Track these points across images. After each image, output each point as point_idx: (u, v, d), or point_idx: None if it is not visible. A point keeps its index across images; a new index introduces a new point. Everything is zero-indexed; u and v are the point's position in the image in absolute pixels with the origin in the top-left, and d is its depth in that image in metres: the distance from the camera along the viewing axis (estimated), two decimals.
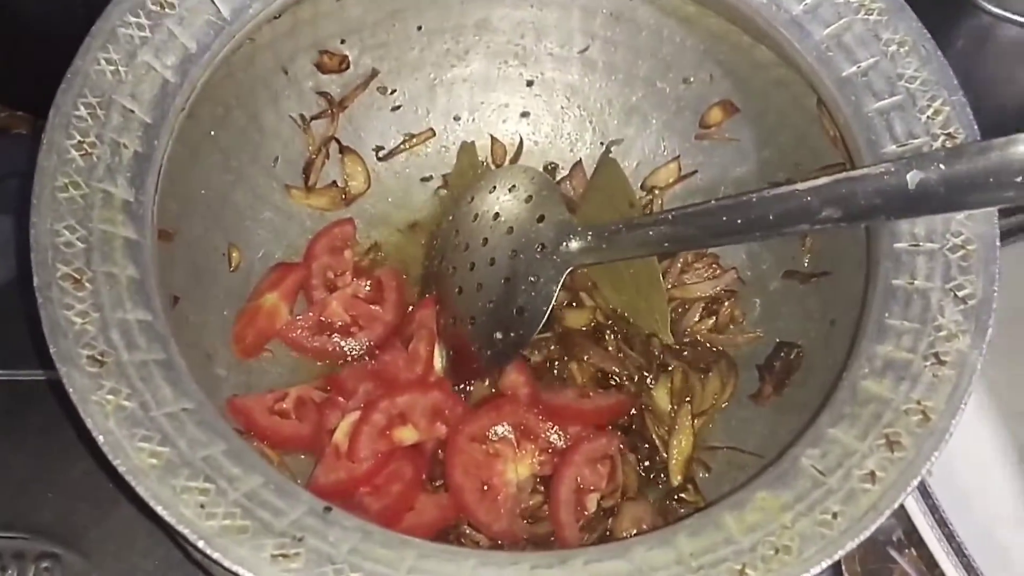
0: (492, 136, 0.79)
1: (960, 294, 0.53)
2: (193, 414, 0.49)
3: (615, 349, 0.71)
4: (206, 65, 0.59)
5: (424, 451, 0.66)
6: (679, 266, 0.72)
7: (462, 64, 0.77)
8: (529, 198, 0.69)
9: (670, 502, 0.66)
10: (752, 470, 0.60)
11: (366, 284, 0.72)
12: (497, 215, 0.70)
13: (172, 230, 0.62)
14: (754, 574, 0.45)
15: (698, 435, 0.68)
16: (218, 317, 0.68)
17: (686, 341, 0.72)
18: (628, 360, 0.70)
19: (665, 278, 0.72)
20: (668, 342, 0.70)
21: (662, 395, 0.69)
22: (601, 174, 0.76)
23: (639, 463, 0.67)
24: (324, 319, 0.71)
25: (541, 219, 0.68)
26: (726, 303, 0.72)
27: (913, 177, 0.51)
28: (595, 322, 0.71)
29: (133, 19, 0.57)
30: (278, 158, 0.73)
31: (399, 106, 0.77)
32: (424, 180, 0.78)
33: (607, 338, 0.71)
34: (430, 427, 0.65)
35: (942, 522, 0.71)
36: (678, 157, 0.76)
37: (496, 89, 0.78)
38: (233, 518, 0.46)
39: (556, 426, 0.66)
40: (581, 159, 0.78)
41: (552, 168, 0.79)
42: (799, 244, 0.69)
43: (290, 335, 0.70)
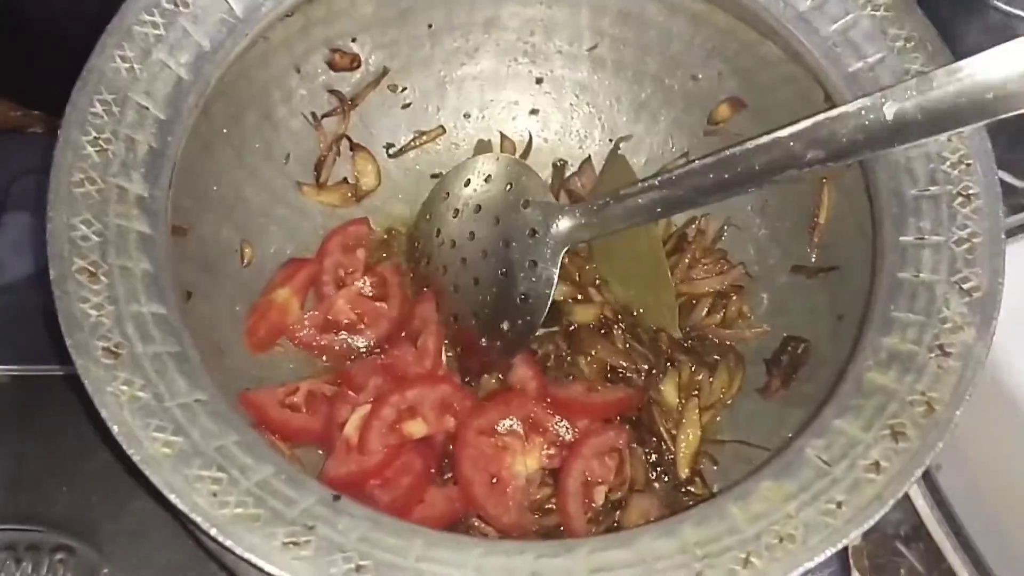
0: (502, 133, 0.79)
1: (965, 287, 0.53)
2: (206, 405, 0.50)
3: (623, 344, 0.71)
4: (220, 63, 0.60)
5: (433, 444, 0.66)
6: (687, 262, 0.73)
7: (472, 62, 0.78)
8: (509, 186, 0.70)
9: (678, 495, 0.66)
10: (759, 463, 0.61)
11: (370, 281, 0.73)
12: (479, 207, 0.71)
13: (186, 226, 0.63)
14: (758, 563, 0.45)
15: (705, 429, 0.68)
16: (230, 312, 0.69)
17: (694, 336, 0.72)
18: (636, 354, 0.70)
19: (673, 274, 0.72)
20: (676, 337, 0.71)
21: (670, 389, 0.70)
22: (610, 171, 0.77)
23: (647, 456, 0.68)
24: (331, 317, 0.72)
25: (526, 205, 0.68)
26: (734, 298, 0.72)
27: (890, 109, 0.52)
28: (603, 317, 0.72)
29: (148, 17, 0.58)
30: (290, 155, 0.74)
31: (409, 104, 0.78)
32: (434, 177, 0.78)
33: (615, 333, 0.71)
34: (439, 420, 0.65)
35: (950, 516, 0.71)
36: (686, 153, 0.76)
37: (506, 86, 0.79)
38: (245, 507, 0.46)
39: (564, 419, 0.66)
40: (590, 156, 0.79)
41: (561, 165, 0.80)
42: (807, 239, 0.69)
43: (298, 334, 0.71)
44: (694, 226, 0.75)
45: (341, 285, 0.73)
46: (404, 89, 0.77)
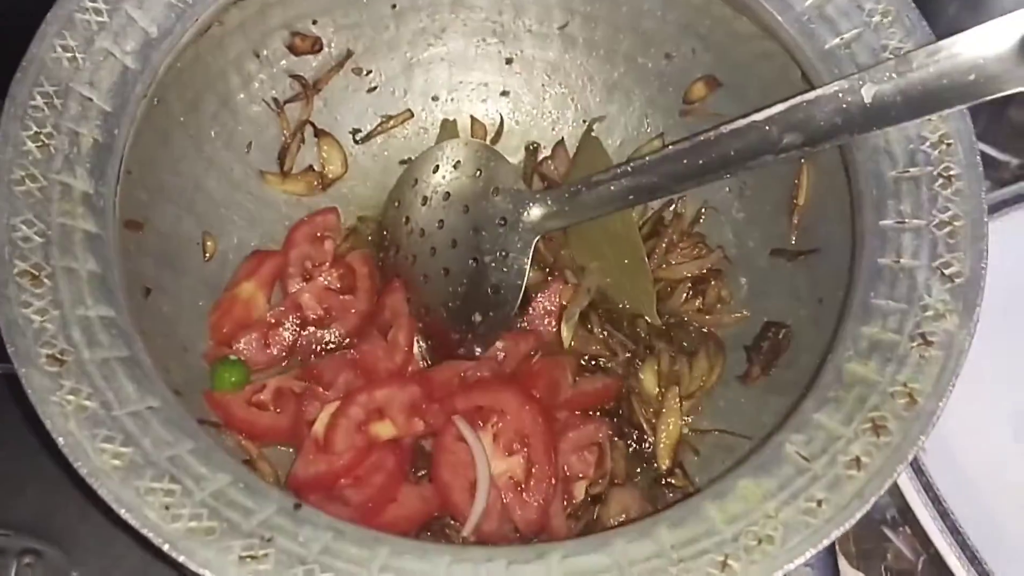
0: (472, 116, 0.77)
1: (947, 272, 0.51)
2: (158, 412, 0.48)
3: (600, 331, 0.69)
4: (168, 50, 0.57)
5: (403, 444, 0.64)
6: (664, 246, 0.71)
7: (439, 43, 0.75)
8: (478, 172, 0.68)
9: (659, 488, 0.65)
10: (741, 452, 0.59)
11: (337, 273, 0.71)
12: (448, 195, 0.68)
13: (141, 220, 0.61)
14: (736, 566, 0.44)
15: (686, 418, 0.66)
16: (193, 308, 0.67)
17: (672, 322, 0.70)
18: (614, 342, 0.69)
19: (650, 259, 0.70)
20: (655, 323, 0.69)
21: (649, 377, 0.68)
22: (584, 153, 0.75)
23: (627, 448, 0.66)
24: (297, 313, 0.70)
25: (496, 192, 0.67)
26: (713, 283, 0.70)
27: (868, 91, 0.51)
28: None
29: (90, 4, 0.55)
30: (252, 143, 0.71)
31: (375, 87, 0.75)
32: (403, 163, 0.76)
33: (591, 319, 0.70)
34: (407, 423, 0.63)
35: (936, 500, 0.70)
36: (662, 134, 0.74)
37: (474, 68, 0.77)
38: (199, 519, 0.44)
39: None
40: (564, 138, 0.77)
41: (534, 148, 0.77)
42: (787, 221, 0.67)
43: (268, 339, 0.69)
44: (671, 209, 0.73)
45: (308, 278, 0.71)
46: (369, 72, 0.75)
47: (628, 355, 0.69)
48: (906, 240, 0.52)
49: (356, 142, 0.76)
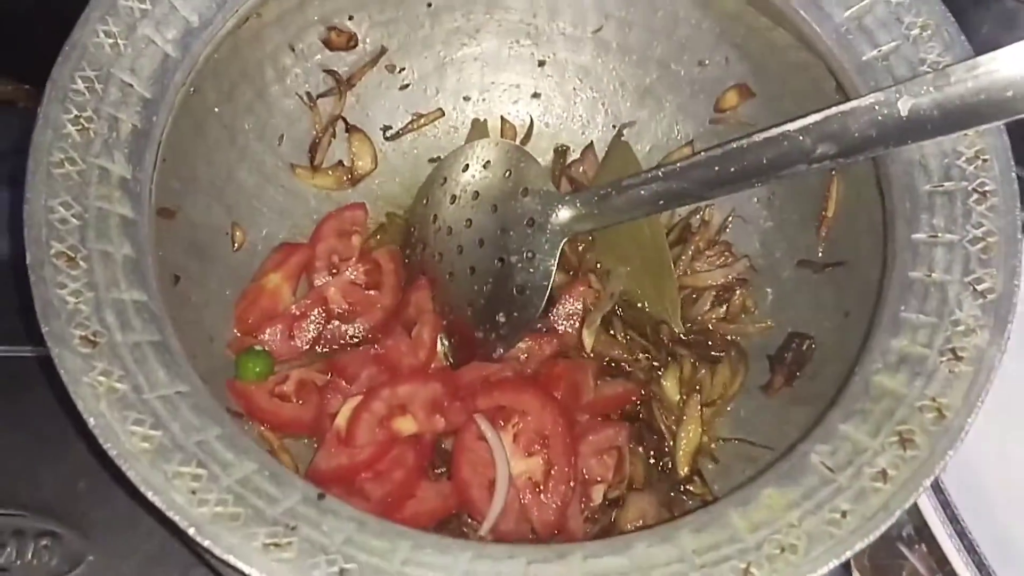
0: (502, 117, 0.77)
1: (979, 288, 0.51)
2: (187, 397, 0.48)
3: (623, 335, 0.69)
4: (208, 40, 0.57)
5: (423, 440, 0.64)
6: (691, 253, 0.71)
7: (472, 43, 0.75)
8: (507, 172, 0.68)
9: (677, 494, 0.65)
10: (761, 463, 0.59)
11: (363, 268, 0.71)
12: (477, 194, 0.69)
13: (174, 208, 0.61)
14: (759, 573, 0.44)
15: (706, 425, 0.66)
16: (220, 297, 0.67)
17: (696, 330, 0.70)
18: (636, 347, 0.69)
19: (676, 265, 0.70)
20: (678, 330, 0.69)
21: (671, 384, 0.68)
22: (613, 158, 0.75)
23: (646, 454, 0.66)
24: (323, 307, 0.70)
25: (524, 192, 0.66)
26: (738, 291, 0.70)
27: (905, 104, 0.50)
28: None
29: None
30: (284, 136, 0.72)
31: (407, 85, 0.76)
32: (432, 161, 0.76)
33: (614, 324, 0.70)
34: (429, 419, 0.64)
35: (954, 518, 0.69)
36: (692, 141, 0.74)
37: (507, 69, 0.77)
38: (225, 505, 0.44)
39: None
40: (592, 142, 0.77)
41: (563, 151, 0.78)
42: (814, 232, 0.67)
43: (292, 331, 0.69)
44: (698, 216, 0.73)
45: (334, 272, 0.71)
46: (402, 70, 0.75)
47: (650, 361, 0.68)
48: (938, 254, 0.52)
49: (386, 139, 0.76)
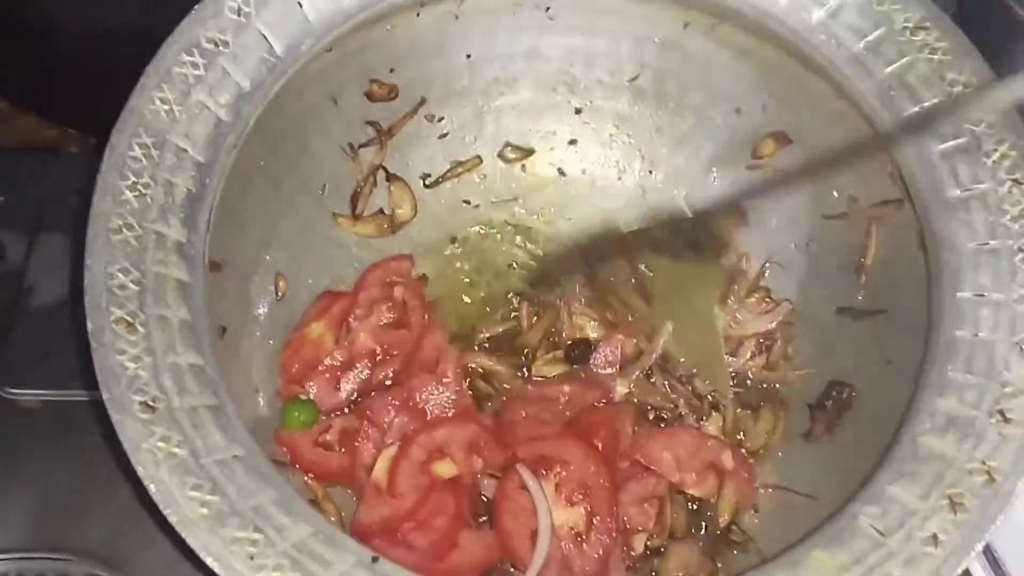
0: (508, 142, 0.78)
1: None
2: (243, 460, 0.49)
3: (662, 382, 0.70)
4: (259, 102, 0.58)
5: (463, 484, 0.65)
6: (733, 302, 0.71)
7: (511, 92, 0.76)
8: None
9: (720, 543, 0.65)
10: (802, 512, 0.59)
11: (386, 307, 0.72)
12: None
13: (220, 260, 0.62)
14: None
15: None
16: (264, 347, 0.68)
17: (737, 380, 0.70)
18: (676, 395, 0.69)
19: (721, 317, 0.70)
20: (727, 394, 0.69)
21: (714, 432, 0.68)
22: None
23: (688, 503, 0.66)
24: (354, 352, 0.70)
25: None
26: (778, 338, 0.70)
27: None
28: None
29: (188, 58, 0.57)
30: (326, 186, 0.73)
31: (446, 133, 0.76)
32: (466, 202, 0.77)
33: (653, 370, 0.70)
34: (467, 460, 0.64)
35: (995, 562, 0.69)
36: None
37: (544, 116, 0.78)
38: (282, 570, 0.45)
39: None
40: None
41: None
42: (854, 279, 0.67)
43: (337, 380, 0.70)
44: (738, 264, 0.73)
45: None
46: (441, 119, 0.76)
47: (691, 410, 0.69)
48: (985, 313, 0.52)
49: (426, 186, 0.77)
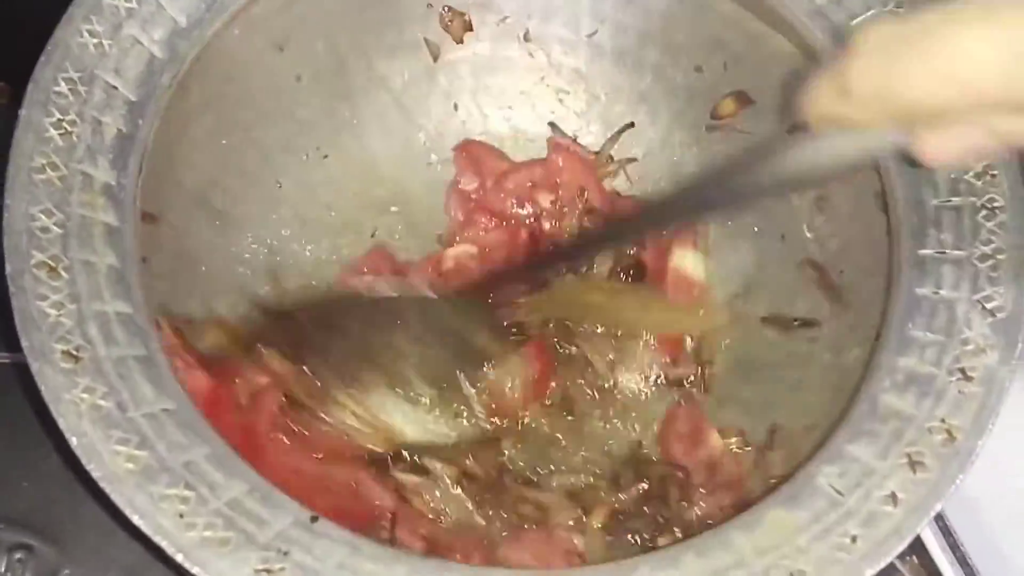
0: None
1: (988, 306, 0.50)
2: (173, 415, 0.46)
3: None
4: (196, 41, 0.56)
5: None
6: None
7: (464, 46, 0.74)
8: None
9: None
10: None
11: None
12: None
13: (156, 213, 0.59)
14: None
15: None
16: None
17: None
18: None
19: None
20: None
21: None
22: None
23: None
24: None
25: None
26: None
27: None
28: None
29: None
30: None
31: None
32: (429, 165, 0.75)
33: None
34: None
35: (947, 530, 0.69)
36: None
37: (498, 72, 0.75)
38: (214, 529, 0.43)
39: None
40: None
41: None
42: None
43: None
44: None
45: None
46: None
47: None
48: (946, 271, 0.51)
49: None
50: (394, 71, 0.73)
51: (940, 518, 0.69)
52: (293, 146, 0.71)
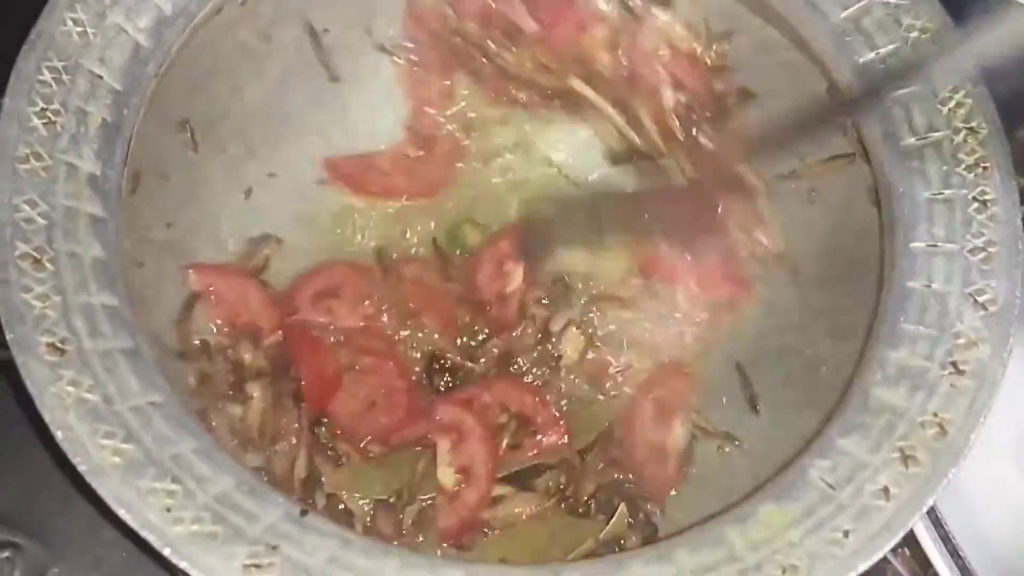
0: None
1: (980, 299, 0.50)
2: (160, 408, 0.45)
3: None
4: (182, 29, 0.55)
5: None
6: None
7: None
8: None
9: None
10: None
11: None
12: None
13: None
14: None
15: None
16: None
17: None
18: None
19: None
20: None
21: None
22: None
23: None
24: None
25: None
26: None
27: None
28: None
29: None
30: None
31: None
32: None
33: None
34: None
35: (937, 522, 0.69)
36: None
37: None
38: (202, 523, 0.42)
39: None
40: None
41: None
42: None
43: None
44: None
45: None
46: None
47: None
48: (938, 264, 0.51)
49: None
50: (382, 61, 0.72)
51: (931, 510, 0.69)
52: (280, 136, 0.70)
